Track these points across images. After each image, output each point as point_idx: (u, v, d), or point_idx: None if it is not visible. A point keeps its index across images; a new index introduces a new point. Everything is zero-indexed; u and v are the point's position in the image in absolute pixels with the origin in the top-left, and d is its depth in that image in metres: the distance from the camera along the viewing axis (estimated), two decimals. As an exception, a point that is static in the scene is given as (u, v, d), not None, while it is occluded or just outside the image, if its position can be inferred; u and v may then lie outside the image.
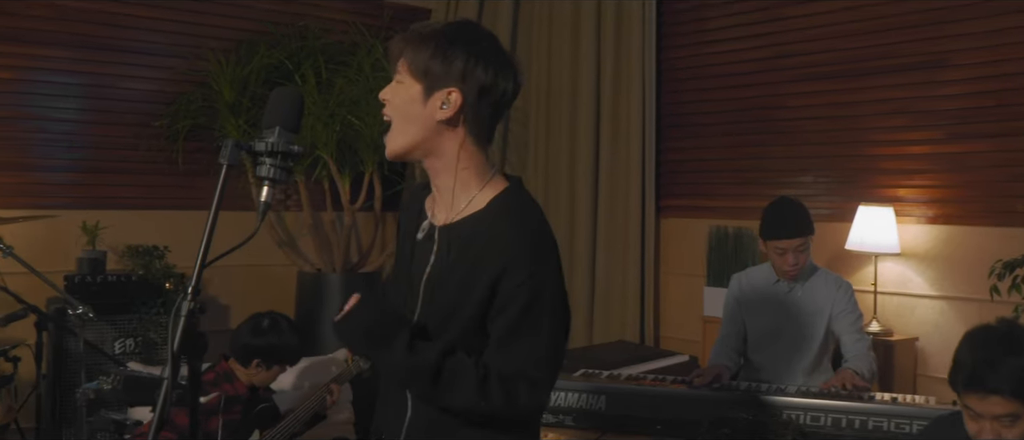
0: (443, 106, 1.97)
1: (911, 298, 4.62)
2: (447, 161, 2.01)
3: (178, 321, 1.83)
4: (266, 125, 1.98)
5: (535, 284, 1.90)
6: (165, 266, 4.94)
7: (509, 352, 1.91)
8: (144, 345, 4.77)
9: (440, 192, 2.06)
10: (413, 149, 2.02)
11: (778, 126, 5.14)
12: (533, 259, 1.92)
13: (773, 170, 5.15)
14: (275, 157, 1.96)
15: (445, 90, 1.96)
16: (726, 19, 5.37)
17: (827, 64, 4.92)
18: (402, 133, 2.03)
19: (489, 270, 1.92)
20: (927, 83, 4.56)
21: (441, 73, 1.96)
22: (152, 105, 5.30)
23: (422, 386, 1.96)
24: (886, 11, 4.70)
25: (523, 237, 1.93)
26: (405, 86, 2.01)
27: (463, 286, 1.95)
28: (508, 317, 1.91)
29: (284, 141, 1.96)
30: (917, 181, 4.61)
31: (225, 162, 1.91)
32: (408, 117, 2.01)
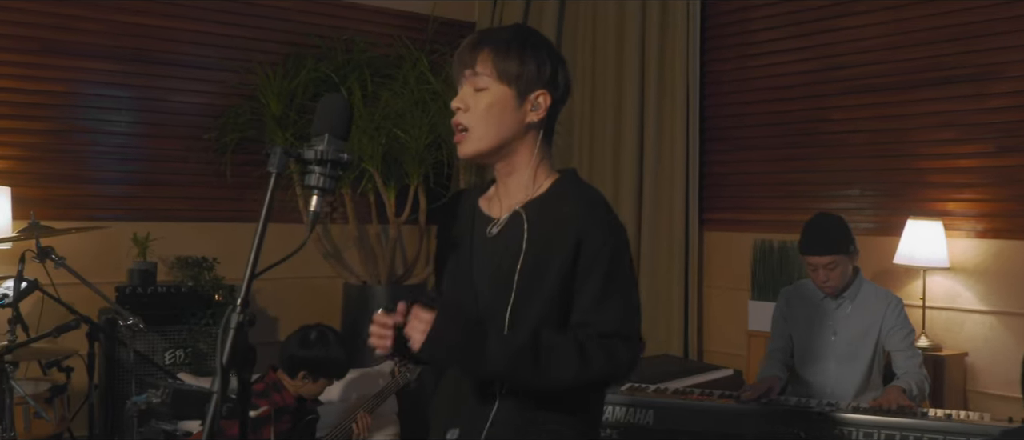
0: (533, 109, 2.03)
1: (960, 313, 4.49)
2: (523, 160, 2.05)
3: (227, 334, 1.76)
4: (315, 132, 1.93)
5: (614, 247, 1.97)
6: (214, 278, 4.92)
7: (604, 311, 1.95)
8: (194, 356, 4.75)
9: (507, 189, 2.10)
10: (497, 149, 2.06)
11: (824, 139, 5.02)
12: (607, 226, 1.98)
13: (819, 183, 5.03)
14: (324, 165, 1.91)
15: (536, 93, 2.03)
16: (771, 31, 5.27)
17: (874, 76, 4.81)
18: (486, 135, 2.04)
19: (567, 242, 1.95)
20: (976, 95, 4.43)
21: (533, 77, 2.03)
22: (202, 118, 5.29)
23: (524, 374, 1.94)
24: (934, 23, 4.58)
25: (594, 208, 2.00)
26: (491, 92, 2.04)
27: (545, 263, 1.98)
28: (596, 279, 1.95)
29: (333, 149, 1.91)
30: (966, 195, 4.48)
31: (273, 170, 1.87)
32: (496, 121, 2.03)
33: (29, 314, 4.37)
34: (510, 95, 2.02)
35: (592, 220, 1.97)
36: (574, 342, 1.94)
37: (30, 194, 4.69)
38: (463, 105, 2.06)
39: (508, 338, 1.95)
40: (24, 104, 4.81)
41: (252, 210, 5.45)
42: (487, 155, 2.07)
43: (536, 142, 2.06)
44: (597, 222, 1.97)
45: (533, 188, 2.06)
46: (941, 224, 4.35)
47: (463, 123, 2.05)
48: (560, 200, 2.02)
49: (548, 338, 1.95)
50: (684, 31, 5.43)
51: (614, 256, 1.97)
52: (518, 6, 5.92)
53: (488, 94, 2.03)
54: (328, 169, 1.90)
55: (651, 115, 5.50)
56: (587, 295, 1.96)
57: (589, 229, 1.96)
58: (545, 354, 1.93)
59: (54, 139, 4.91)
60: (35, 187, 4.79)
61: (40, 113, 4.86)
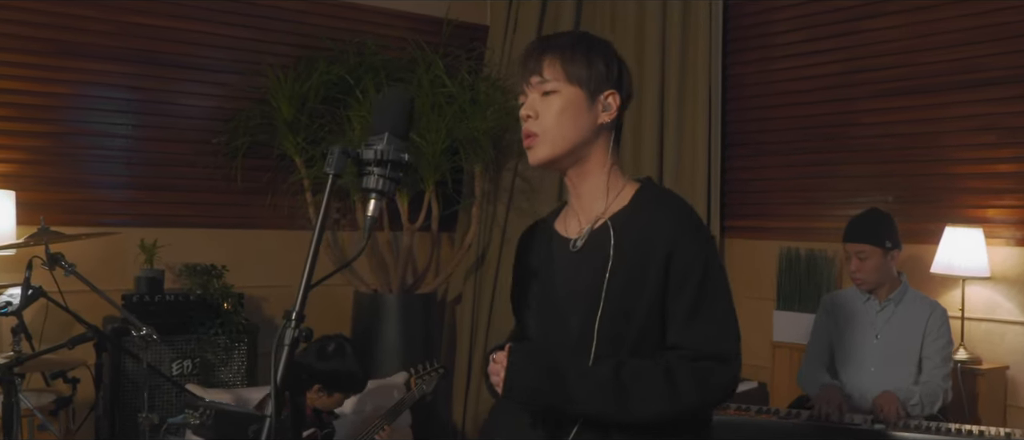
0: (604, 109, 1.98)
1: (1000, 324, 4.31)
2: (596, 164, 2.00)
3: (281, 351, 1.58)
4: (374, 131, 1.74)
5: (705, 260, 1.88)
6: (223, 286, 4.72)
7: (696, 331, 1.86)
8: (202, 367, 4.55)
9: (581, 199, 2.02)
10: (570, 153, 1.98)
11: (852, 143, 4.85)
12: (697, 237, 1.90)
13: (847, 190, 4.86)
14: (384, 166, 1.73)
15: (606, 93, 1.98)
16: (795, 33, 5.11)
17: (905, 79, 4.64)
18: (560, 139, 1.96)
19: (657, 255, 1.87)
20: (1016, 97, 4.26)
21: (602, 78, 1.97)
22: (211, 122, 5.10)
23: (610, 411, 1.84)
24: (968, 23, 4.42)
25: (683, 217, 1.92)
26: (562, 95, 1.96)
27: (632, 280, 1.88)
28: (687, 295, 1.86)
29: (393, 149, 1.73)
30: (1007, 201, 4.31)
31: (331, 171, 1.69)
32: (570, 124, 1.96)
33: (32, 323, 4.16)
34: (581, 96, 1.96)
35: (683, 231, 1.88)
36: (662, 372, 1.83)
37: (35, 198, 4.49)
38: (533, 112, 1.98)
39: (590, 374, 1.85)
40: (28, 106, 4.62)
41: (262, 216, 5.26)
42: (560, 160, 1.98)
43: (608, 145, 2.01)
44: (688, 233, 1.89)
45: (611, 196, 1.98)
46: (981, 232, 4.18)
47: (534, 131, 1.97)
48: (646, 210, 1.93)
49: (633, 370, 1.84)
50: (706, 33, 5.26)
51: (707, 269, 1.87)
52: (534, 8, 5.75)
53: (559, 97, 1.96)
54: (388, 170, 1.72)
55: (672, 119, 5.33)
56: (679, 314, 1.87)
57: (680, 241, 1.87)
58: (631, 389, 1.82)
59: (59, 142, 4.71)
60: (40, 191, 4.59)
61: (45, 115, 4.67)
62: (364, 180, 1.74)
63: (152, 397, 4.24)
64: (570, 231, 2.02)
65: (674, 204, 1.95)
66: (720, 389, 1.86)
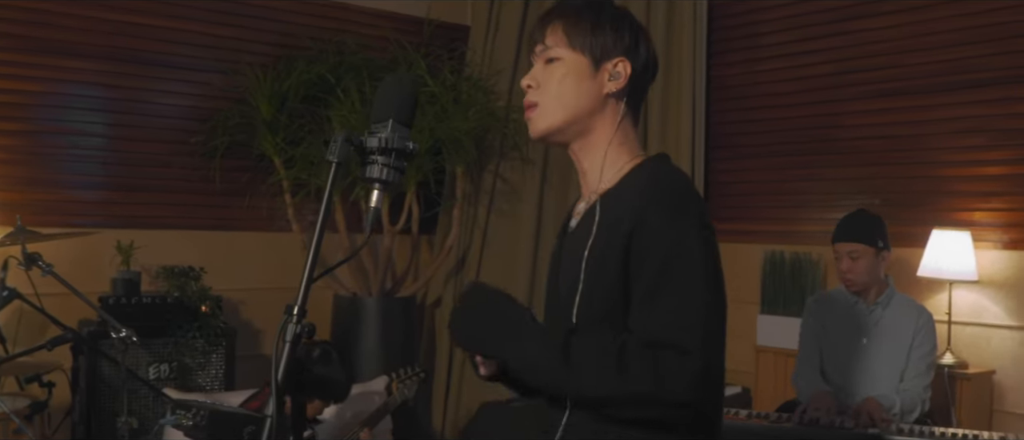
0: (612, 78, 1.84)
1: (987, 328, 4.30)
2: (601, 137, 1.86)
3: (283, 347, 1.50)
4: (376, 118, 1.68)
5: (675, 236, 1.67)
6: (201, 288, 4.62)
7: (649, 313, 1.66)
8: (179, 370, 4.45)
9: (585, 176, 1.90)
10: (572, 123, 1.85)
11: (838, 145, 4.82)
12: (670, 208, 1.71)
13: (833, 192, 4.84)
14: (388, 155, 1.65)
15: (614, 60, 1.84)
16: (781, 34, 5.08)
17: (892, 81, 4.63)
18: (559, 108, 1.84)
19: (621, 229, 1.71)
20: (1005, 99, 4.25)
21: (611, 44, 1.84)
22: (188, 121, 5.00)
23: (552, 375, 1.70)
24: (956, 24, 4.41)
25: (659, 188, 1.76)
26: (565, 62, 1.85)
27: (602, 253, 1.74)
28: (646, 274, 1.67)
29: (398, 137, 1.66)
30: (994, 204, 4.29)
31: (334, 159, 1.61)
32: (571, 92, 1.84)
33: (6, 325, 4.06)
34: (585, 63, 1.84)
35: (653, 199, 1.71)
36: (615, 351, 1.64)
37: (8, 198, 4.38)
38: (534, 82, 1.87)
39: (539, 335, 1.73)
40: (1, 104, 4.50)
41: (241, 218, 5.16)
42: (560, 131, 1.86)
43: (617, 116, 1.86)
44: (658, 205, 1.70)
45: (613, 171, 1.85)
46: (969, 235, 4.16)
47: (534, 100, 1.87)
48: (631, 183, 1.81)
49: (584, 338, 1.71)
50: (690, 33, 5.21)
51: (677, 245, 1.66)
52: (516, 8, 5.69)
53: (561, 65, 1.85)
54: (392, 160, 1.65)
55: (655, 120, 5.28)
56: (637, 293, 1.69)
57: (648, 211, 1.69)
58: (577, 353, 1.66)
59: (33, 141, 4.60)
60: (13, 191, 4.47)
61: (18, 113, 4.55)
62: (367, 169, 1.66)
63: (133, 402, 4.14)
64: (578, 207, 1.93)
65: (661, 177, 1.80)
66: (679, 383, 1.60)
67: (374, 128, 1.68)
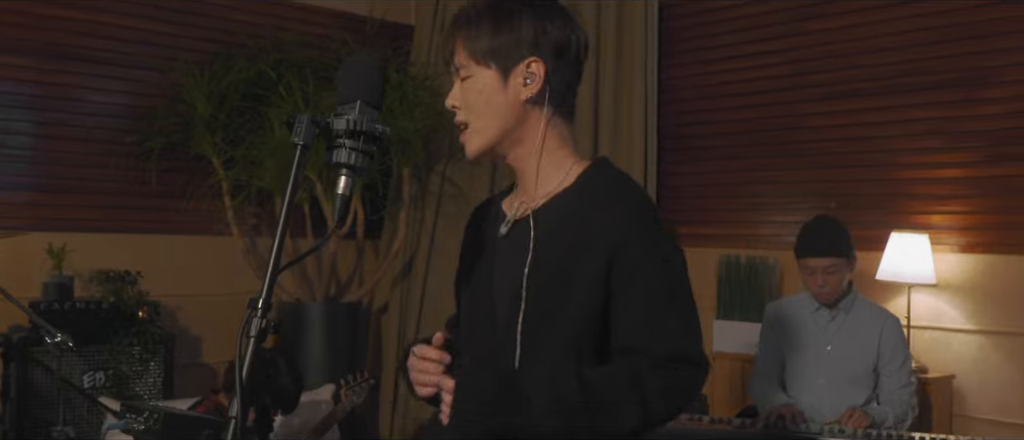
0: (527, 82, 1.73)
1: (946, 332, 4.32)
2: (533, 144, 1.77)
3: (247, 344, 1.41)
4: (342, 100, 1.60)
5: (661, 253, 1.67)
6: (138, 293, 4.48)
7: (660, 330, 1.64)
8: (115, 379, 4.30)
9: (524, 180, 1.80)
10: (500, 141, 1.77)
11: (794, 148, 4.82)
12: (651, 226, 1.69)
13: (790, 195, 4.84)
14: (356, 139, 1.56)
15: (523, 63, 1.73)
16: (734, 35, 5.08)
17: (848, 82, 4.64)
18: (486, 127, 1.76)
19: (595, 251, 1.64)
20: (964, 101, 4.28)
21: (511, 46, 1.73)
22: (121, 120, 4.85)
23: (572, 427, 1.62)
24: (912, 25, 4.44)
25: (632, 204, 1.70)
26: (475, 78, 1.75)
27: (567, 273, 1.66)
28: (644, 291, 1.64)
29: (367, 119, 1.57)
30: (952, 207, 4.32)
31: (300, 142, 1.52)
32: (489, 108, 1.75)
33: (-74, 334, 3.87)
34: (493, 76, 1.74)
35: (633, 217, 1.67)
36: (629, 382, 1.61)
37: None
38: (456, 101, 1.79)
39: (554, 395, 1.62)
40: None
41: (178, 221, 5.01)
42: (494, 148, 1.78)
43: (542, 119, 1.76)
44: (638, 221, 1.67)
45: (552, 179, 1.76)
46: (927, 238, 4.17)
47: (462, 121, 1.79)
48: (587, 195, 1.72)
49: (593, 381, 1.62)
50: (642, 34, 5.19)
51: (664, 262, 1.66)
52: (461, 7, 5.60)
53: (474, 81, 1.76)
54: (361, 143, 1.57)
55: (606, 123, 5.24)
56: (633, 311, 1.64)
57: (630, 230, 1.65)
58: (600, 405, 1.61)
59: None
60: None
61: (-60, 109, 4.37)
62: (334, 153, 1.58)
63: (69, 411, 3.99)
64: (510, 210, 1.83)
65: (623, 188, 1.73)
66: (686, 394, 1.66)
67: (340, 110, 1.60)
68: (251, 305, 1.45)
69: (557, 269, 1.68)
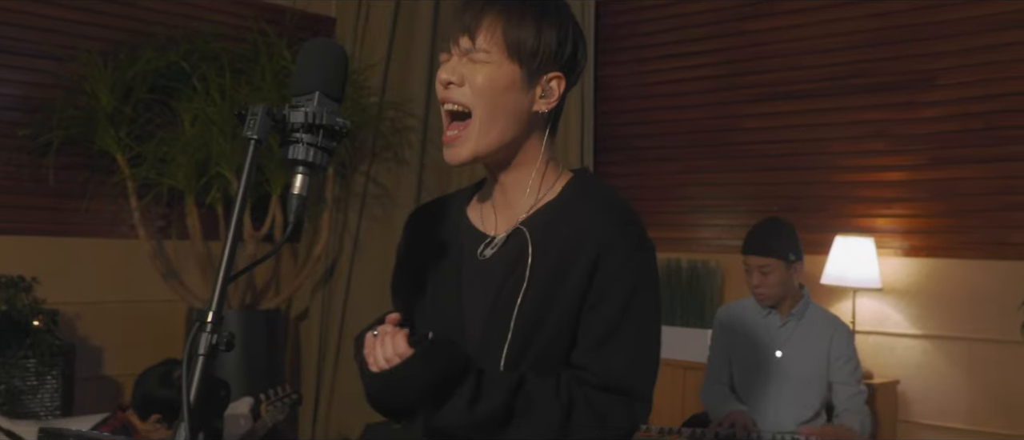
0: (544, 95, 1.64)
1: (890, 337, 4.34)
2: (529, 162, 1.68)
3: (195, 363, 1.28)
4: (298, 90, 1.47)
5: (637, 272, 1.59)
6: (33, 300, 4.24)
7: (607, 358, 1.58)
8: (7, 395, 4.06)
9: (505, 195, 1.70)
10: (503, 147, 1.65)
11: (736, 149, 4.81)
12: (631, 240, 1.60)
13: (732, 198, 4.83)
14: (315, 133, 1.44)
15: (549, 76, 1.64)
16: (672, 33, 5.06)
17: (789, 83, 4.66)
18: (492, 128, 1.63)
19: (583, 260, 1.58)
20: (908, 104, 4.33)
21: (549, 56, 1.63)
22: (15, 112, 4.59)
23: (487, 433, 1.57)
24: (856, 26, 4.46)
25: (615, 215, 1.62)
26: (497, 66, 1.62)
27: (553, 293, 1.58)
28: (607, 310, 1.57)
29: (327, 112, 1.45)
30: (896, 210, 4.35)
31: (253, 136, 1.39)
32: (500, 106, 1.62)
33: None
34: (518, 75, 1.62)
35: (617, 233, 1.59)
36: (561, 406, 1.55)
37: None
38: (457, 78, 1.63)
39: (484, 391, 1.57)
40: None
41: (78, 223, 4.77)
42: (488, 156, 1.66)
43: (543, 138, 1.68)
44: (623, 236, 1.59)
45: (540, 193, 1.67)
46: (872, 241, 4.19)
47: (459, 102, 1.63)
48: (574, 207, 1.63)
49: (526, 394, 1.56)
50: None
51: (637, 285, 1.58)
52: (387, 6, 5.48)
53: (492, 69, 1.61)
54: (320, 139, 1.44)
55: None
56: (593, 330, 1.58)
57: (613, 245, 1.57)
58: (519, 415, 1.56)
59: None
60: None
61: None
62: (290, 149, 1.45)
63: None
64: (487, 225, 1.72)
65: (609, 199, 1.66)
66: (623, 427, 1.59)
67: (296, 101, 1.47)
68: (199, 318, 1.32)
69: (547, 288, 1.60)
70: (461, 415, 1.56)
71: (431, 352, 1.58)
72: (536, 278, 1.60)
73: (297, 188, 1.46)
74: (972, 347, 4.14)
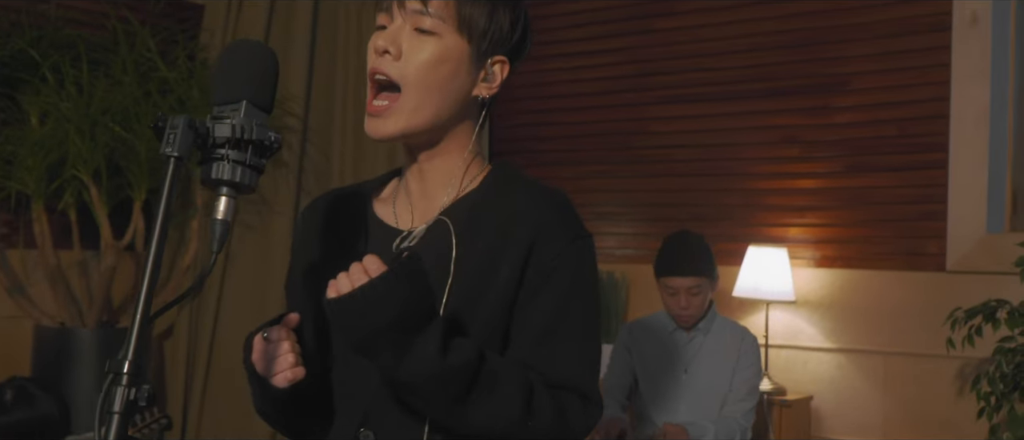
0: (486, 78, 1.61)
1: (803, 351, 4.39)
2: (457, 148, 1.63)
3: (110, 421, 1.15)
4: (222, 98, 1.36)
5: (577, 258, 1.56)
6: None
7: (553, 354, 1.53)
8: None
9: (424, 184, 1.64)
10: (436, 126, 1.58)
11: (642, 154, 4.80)
12: (568, 227, 1.57)
13: (638, 205, 4.81)
14: (243, 149, 1.32)
15: (494, 59, 1.59)
16: (572, 31, 5.02)
17: (697, 85, 4.67)
18: (425, 106, 1.56)
19: (514, 248, 1.52)
20: (821, 108, 4.38)
21: (499, 37, 1.60)
22: None
23: (449, 397, 1.45)
24: (768, 27, 4.50)
25: (549, 201, 1.59)
26: (442, 40, 1.55)
27: (477, 280, 1.51)
28: (546, 301, 1.53)
29: (256, 125, 1.33)
30: (808, 219, 4.40)
31: (173, 153, 1.27)
32: (439, 82, 1.56)
33: None
34: (466, 52, 1.57)
35: (551, 215, 1.55)
36: (525, 387, 1.48)
37: None
38: (395, 49, 1.55)
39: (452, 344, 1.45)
40: None
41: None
42: (419, 135, 1.59)
43: (476, 125, 1.65)
44: (558, 218, 1.56)
45: (462, 184, 1.62)
46: (786, 252, 4.23)
47: (390, 75, 1.55)
48: (501, 195, 1.59)
49: (497, 364, 1.49)
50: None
51: (577, 272, 1.55)
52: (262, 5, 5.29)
53: (437, 42, 1.55)
54: (249, 155, 1.32)
55: (434, 123, 5.07)
56: (533, 325, 1.53)
57: (545, 227, 1.53)
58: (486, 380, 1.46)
59: None
60: None
61: None
62: (214, 167, 1.33)
63: None
64: (401, 218, 1.65)
65: (540, 186, 1.63)
66: (571, 427, 1.53)
67: (220, 111, 1.34)
68: (112, 369, 1.18)
69: (474, 285, 1.53)
70: (432, 363, 1.41)
71: (413, 272, 1.44)
72: (462, 271, 1.53)
73: (221, 212, 1.35)
74: (888, 361, 4.21)
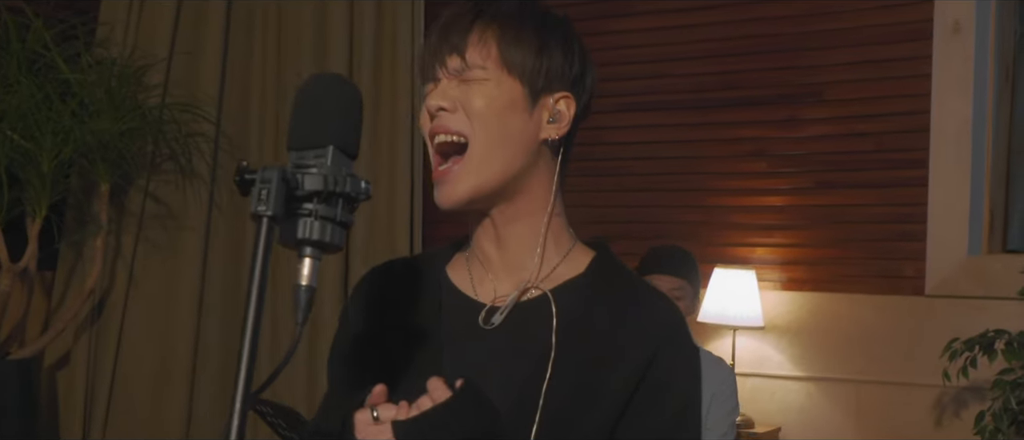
0: (551, 119, 1.54)
1: (771, 380, 4.40)
2: (535, 203, 1.55)
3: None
4: (304, 143, 1.28)
5: (689, 381, 1.55)
6: None
7: None
8: None
9: (505, 248, 1.57)
10: (508, 181, 1.51)
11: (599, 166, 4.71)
12: (685, 343, 1.56)
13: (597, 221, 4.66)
14: (331, 203, 1.22)
15: (557, 95, 1.53)
16: (523, 32, 4.93)
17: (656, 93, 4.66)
18: (494, 158, 1.49)
19: (629, 360, 1.48)
20: (790, 120, 4.40)
21: (557, 71, 1.53)
22: None
23: None
24: (735, 32, 4.50)
25: (669, 313, 1.55)
26: (494, 84, 1.50)
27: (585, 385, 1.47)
28: (654, 423, 1.50)
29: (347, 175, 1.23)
30: (776, 238, 4.41)
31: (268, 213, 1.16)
32: (504, 131, 1.50)
33: None
34: (520, 94, 1.51)
35: (672, 330, 1.53)
36: None
37: None
38: (449, 103, 1.50)
39: None
40: None
41: None
42: (492, 194, 1.52)
43: (553, 173, 1.56)
44: (676, 340, 1.53)
45: (553, 253, 1.57)
46: (754, 275, 4.23)
47: (456, 132, 1.50)
48: (615, 291, 1.54)
49: None
50: (408, 36, 4.99)
51: (689, 396, 1.54)
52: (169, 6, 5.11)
53: (490, 88, 1.50)
54: (338, 210, 1.22)
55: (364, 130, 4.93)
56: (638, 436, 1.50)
57: (665, 349, 1.50)
58: None
59: None
60: None
61: None
62: (300, 225, 1.22)
63: None
64: (480, 291, 1.58)
65: (655, 291, 1.60)
66: None
67: (301, 158, 1.24)
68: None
69: (582, 376, 1.48)
70: None
71: (478, 397, 1.42)
72: (565, 359, 1.48)
73: (305, 278, 1.23)
74: (859, 390, 4.24)
